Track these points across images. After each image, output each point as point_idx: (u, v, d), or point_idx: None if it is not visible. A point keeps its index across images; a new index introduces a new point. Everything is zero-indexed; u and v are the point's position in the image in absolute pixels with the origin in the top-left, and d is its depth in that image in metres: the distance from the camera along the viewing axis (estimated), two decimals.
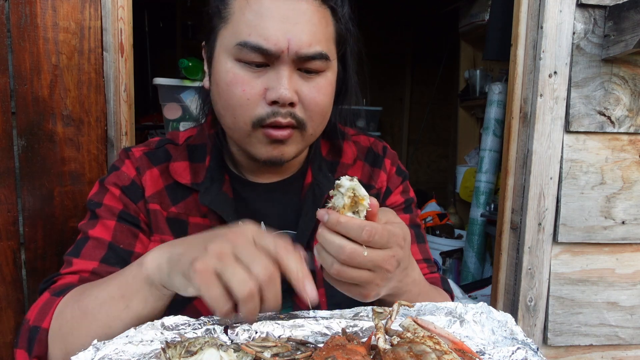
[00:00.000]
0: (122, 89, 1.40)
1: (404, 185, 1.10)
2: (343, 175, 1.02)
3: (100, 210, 0.94)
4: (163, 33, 4.31)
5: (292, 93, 0.83)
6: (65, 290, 0.84)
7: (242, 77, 0.84)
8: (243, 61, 0.83)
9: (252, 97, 0.84)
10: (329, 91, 0.89)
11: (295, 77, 0.85)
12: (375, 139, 1.13)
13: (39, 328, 0.80)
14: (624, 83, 1.57)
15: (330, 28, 0.88)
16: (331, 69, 0.89)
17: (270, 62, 0.83)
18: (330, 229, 0.66)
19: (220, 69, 0.86)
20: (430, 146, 4.93)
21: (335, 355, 0.55)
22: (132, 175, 0.97)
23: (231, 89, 0.84)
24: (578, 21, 1.53)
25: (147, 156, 0.99)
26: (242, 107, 0.84)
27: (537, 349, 0.64)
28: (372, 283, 0.69)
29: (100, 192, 0.97)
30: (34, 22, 1.26)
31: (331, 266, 0.67)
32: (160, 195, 0.96)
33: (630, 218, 1.62)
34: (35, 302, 0.84)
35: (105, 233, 0.92)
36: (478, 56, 3.73)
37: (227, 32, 0.85)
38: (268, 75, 0.84)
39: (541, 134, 1.57)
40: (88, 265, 0.89)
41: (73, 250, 0.92)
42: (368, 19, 4.43)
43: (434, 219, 3.58)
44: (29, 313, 0.83)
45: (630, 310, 1.66)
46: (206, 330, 0.66)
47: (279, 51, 0.81)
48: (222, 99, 0.87)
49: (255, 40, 0.81)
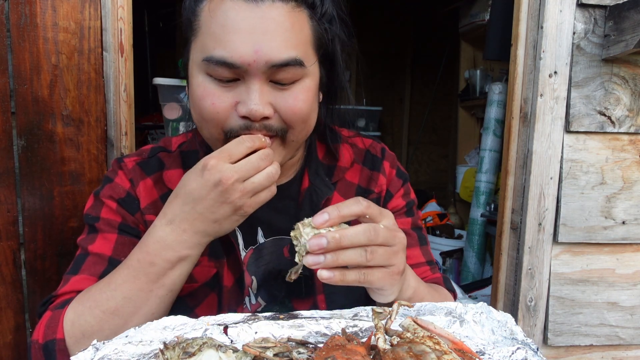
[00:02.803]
0: (122, 89, 1.40)
1: (405, 188, 1.09)
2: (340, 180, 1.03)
3: (99, 224, 0.93)
4: (163, 33, 4.31)
5: (264, 107, 0.80)
6: (66, 303, 0.84)
7: (211, 90, 0.81)
8: (212, 76, 0.81)
9: (222, 110, 0.82)
10: (309, 97, 0.85)
11: (268, 89, 0.81)
12: (373, 140, 1.11)
13: (54, 340, 0.80)
14: (624, 83, 1.57)
15: (306, 31, 0.84)
16: (309, 75, 0.85)
17: (240, 76, 0.80)
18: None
19: (193, 83, 0.84)
20: (430, 146, 4.93)
21: (335, 355, 0.55)
22: (126, 187, 0.96)
23: (201, 103, 0.82)
24: (578, 21, 1.53)
25: (139, 166, 0.98)
26: (213, 120, 0.83)
27: (537, 349, 0.64)
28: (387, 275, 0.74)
29: (96, 205, 0.96)
30: (33, 22, 1.26)
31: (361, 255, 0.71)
32: (155, 206, 0.95)
33: (630, 218, 1.62)
34: (39, 323, 0.84)
35: (106, 247, 0.92)
36: (478, 56, 3.73)
37: (197, 45, 0.83)
38: (239, 89, 0.81)
39: (541, 134, 1.57)
40: (87, 283, 0.88)
41: (72, 268, 0.91)
42: (368, 18, 4.43)
43: (434, 219, 3.58)
44: (35, 334, 0.82)
45: (630, 311, 1.66)
46: (205, 331, 0.66)
47: (245, 64, 0.78)
48: (195, 112, 0.86)
49: (219, 55, 0.78)
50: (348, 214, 0.72)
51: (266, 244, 0.99)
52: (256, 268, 0.98)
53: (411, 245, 1.03)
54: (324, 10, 0.86)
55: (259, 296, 0.99)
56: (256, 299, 0.99)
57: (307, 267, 0.71)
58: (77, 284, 0.88)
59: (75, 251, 0.95)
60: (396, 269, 0.75)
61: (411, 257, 1.03)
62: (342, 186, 1.03)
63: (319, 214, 0.71)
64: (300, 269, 0.74)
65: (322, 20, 0.86)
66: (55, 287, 0.91)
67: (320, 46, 0.87)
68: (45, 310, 0.86)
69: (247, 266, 0.98)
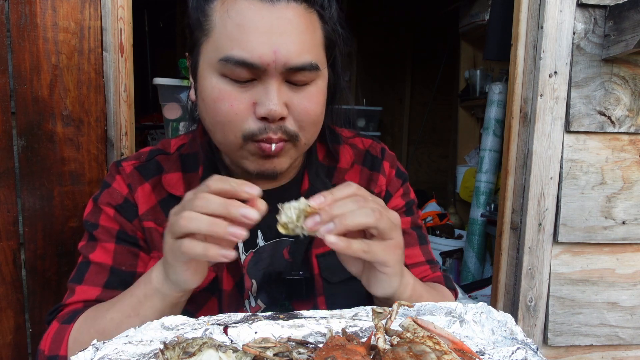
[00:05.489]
0: (122, 89, 1.40)
1: (404, 188, 1.08)
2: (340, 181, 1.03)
3: (97, 233, 0.93)
4: (163, 33, 4.31)
5: (281, 107, 0.79)
6: (74, 317, 0.85)
7: (228, 92, 0.80)
8: (228, 76, 0.80)
9: (241, 112, 0.80)
10: (321, 99, 0.86)
11: (284, 88, 0.81)
12: (372, 140, 1.10)
13: (57, 356, 0.81)
14: (624, 83, 1.57)
15: (319, 33, 0.84)
16: (321, 77, 0.85)
17: (257, 76, 0.79)
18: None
19: (206, 85, 0.82)
20: (430, 146, 4.93)
21: (335, 355, 0.55)
22: (124, 192, 0.95)
23: (218, 105, 0.81)
24: (578, 21, 1.53)
25: (138, 170, 0.97)
26: (231, 123, 0.81)
27: (537, 349, 0.64)
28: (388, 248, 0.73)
29: (94, 212, 0.95)
30: (33, 21, 1.26)
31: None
32: (154, 212, 0.94)
33: (630, 218, 1.62)
34: (47, 333, 0.85)
35: (106, 257, 0.91)
36: (478, 56, 3.73)
37: (210, 46, 0.81)
38: (256, 89, 0.80)
39: (541, 134, 1.57)
40: (92, 293, 0.89)
41: (76, 277, 0.92)
42: (368, 18, 4.43)
43: (434, 219, 3.58)
44: (42, 344, 0.84)
45: (630, 311, 1.66)
46: (205, 330, 0.66)
47: (265, 64, 0.77)
48: (210, 115, 0.84)
49: (238, 55, 0.77)
50: (340, 197, 0.72)
51: (266, 246, 0.99)
52: (256, 271, 0.98)
53: (411, 245, 1.03)
54: (331, 13, 0.86)
55: (259, 299, 0.99)
56: (256, 302, 0.99)
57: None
58: (83, 294, 0.89)
59: (74, 252, 0.95)
60: (396, 242, 0.75)
61: (411, 257, 1.03)
62: None
63: (314, 196, 0.70)
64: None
65: (330, 22, 0.86)
66: (55, 287, 0.92)
67: (329, 48, 0.88)
68: (53, 319, 0.87)
69: (247, 269, 0.97)
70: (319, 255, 0.98)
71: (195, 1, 0.84)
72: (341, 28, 0.90)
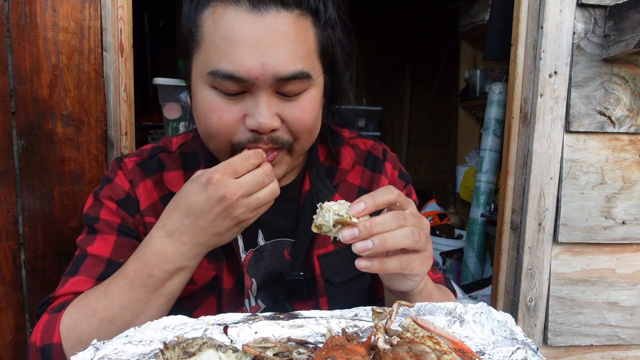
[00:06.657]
0: (122, 89, 1.40)
1: (407, 190, 1.08)
2: (341, 182, 1.03)
3: (98, 225, 0.93)
4: (163, 33, 4.31)
5: (272, 119, 0.79)
6: (63, 306, 0.84)
7: (218, 104, 0.80)
8: (218, 89, 0.80)
9: (230, 123, 0.81)
10: (315, 108, 0.85)
11: (275, 100, 0.81)
12: (374, 141, 1.11)
13: (51, 345, 0.80)
14: (624, 83, 1.57)
15: (311, 40, 0.83)
16: (315, 85, 0.84)
17: (247, 89, 0.79)
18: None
19: (197, 96, 0.83)
20: (430, 146, 4.93)
21: (335, 355, 0.55)
22: (126, 188, 0.95)
23: (208, 116, 0.81)
24: (578, 21, 1.53)
25: (139, 167, 0.98)
26: (221, 134, 0.82)
27: (537, 349, 0.64)
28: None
29: (95, 206, 0.95)
30: (33, 21, 1.26)
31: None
32: (155, 208, 0.95)
33: (630, 218, 1.61)
34: (37, 325, 0.84)
35: (105, 248, 0.91)
36: (478, 56, 3.73)
37: (200, 57, 0.82)
38: (246, 102, 0.80)
39: (541, 134, 1.57)
40: (84, 285, 0.88)
41: (71, 269, 0.91)
42: (368, 18, 4.42)
43: (434, 219, 3.58)
44: (33, 336, 0.83)
45: (630, 311, 1.66)
46: (205, 330, 0.66)
47: (253, 77, 0.77)
48: (201, 125, 0.85)
49: (225, 68, 0.77)
50: (382, 203, 0.72)
51: (266, 246, 0.99)
52: (256, 270, 0.98)
53: None
54: (328, 16, 0.85)
55: (259, 298, 0.99)
56: (256, 302, 0.99)
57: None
58: (74, 285, 0.88)
59: (74, 251, 0.95)
60: (428, 253, 0.76)
61: None
62: (343, 188, 1.03)
63: (355, 202, 0.70)
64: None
65: (326, 26, 0.85)
66: (55, 287, 0.91)
67: (325, 54, 0.87)
68: (43, 312, 0.86)
69: (247, 268, 0.97)
70: (321, 256, 0.98)
71: (187, 10, 0.84)
72: (342, 29, 0.89)
